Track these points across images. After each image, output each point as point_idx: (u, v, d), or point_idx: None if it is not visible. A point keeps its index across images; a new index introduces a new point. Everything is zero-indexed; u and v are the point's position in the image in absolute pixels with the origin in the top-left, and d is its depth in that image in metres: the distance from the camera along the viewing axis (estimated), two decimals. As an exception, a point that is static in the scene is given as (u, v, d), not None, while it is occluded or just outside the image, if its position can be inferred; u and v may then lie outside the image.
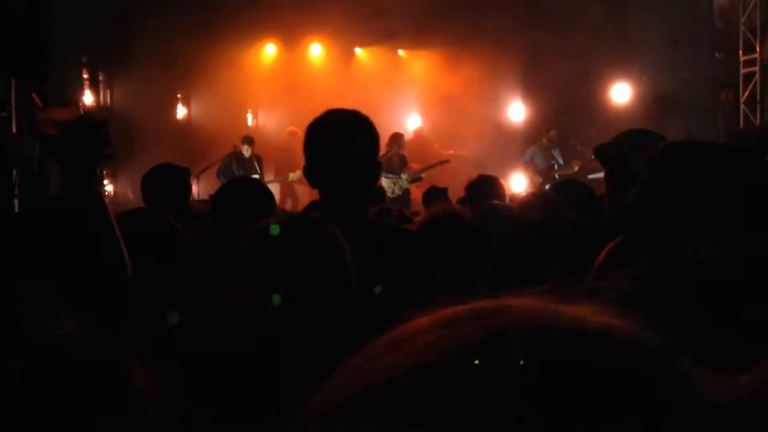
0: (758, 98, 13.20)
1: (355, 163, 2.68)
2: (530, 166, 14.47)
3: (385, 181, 13.29)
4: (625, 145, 3.15)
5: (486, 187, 5.27)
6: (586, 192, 4.34)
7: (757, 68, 13.10)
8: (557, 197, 4.31)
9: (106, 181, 14.14)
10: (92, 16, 13.55)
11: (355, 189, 2.71)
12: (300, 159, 2.81)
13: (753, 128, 13.28)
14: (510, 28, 14.57)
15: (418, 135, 16.81)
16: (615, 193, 3.21)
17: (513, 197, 5.83)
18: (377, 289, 2.42)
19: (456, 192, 9.55)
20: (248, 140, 13.97)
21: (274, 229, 2.55)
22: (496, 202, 3.06)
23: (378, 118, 11.40)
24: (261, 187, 3.68)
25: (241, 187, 3.66)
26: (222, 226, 3.32)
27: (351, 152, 2.68)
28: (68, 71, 13.37)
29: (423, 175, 13.97)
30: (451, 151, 15.88)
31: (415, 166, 14.31)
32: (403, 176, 13.59)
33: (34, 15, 8.74)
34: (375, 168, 2.77)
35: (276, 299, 1.91)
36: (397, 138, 13.87)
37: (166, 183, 4.52)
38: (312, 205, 3.94)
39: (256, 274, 1.97)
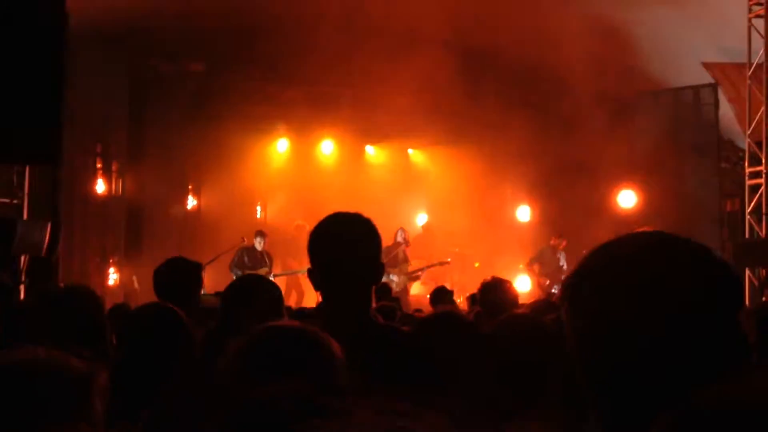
0: (764, 209, 13.28)
1: (357, 268, 2.73)
2: (536, 267, 14.52)
3: (387, 278, 13.34)
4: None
5: (499, 291, 5.30)
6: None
7: (762, 180, 13.23)
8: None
9: (112, 270, 14.18)
10: (108, 106, 13.84)
11: (358, 293, 2.75)
12: (306, 253, 2.86)
13: (758, 239, 13.32)
14: (518, 130, 14.81)
15: (426, 230, 16.93)
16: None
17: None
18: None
19: (459, 290, 9.60)
20: (261, 234, 14.14)
21: None
22: (517, 312, 3.09)
23: (386, 214, 11.56)
24: (269, 286, 3.70)
25: (250, 285, 3.68)
26: (229, 324, 3.34)
27: (353, 256, 2.74)
28: (82, 160, 13.58)
29: (420, 275, 14.03)
30: (456, 249, 15.96)
31: (418, 262, 14.37)
32: (395, 277, 13.61)
33: (49, 103, 8.95)
34: (377, 271, 2.81)
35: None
36: (402, 233, 13.99)
37: (178, 277, 4.56)
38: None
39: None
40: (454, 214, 16.40)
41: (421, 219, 17.27)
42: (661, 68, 14.37)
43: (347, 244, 2.77)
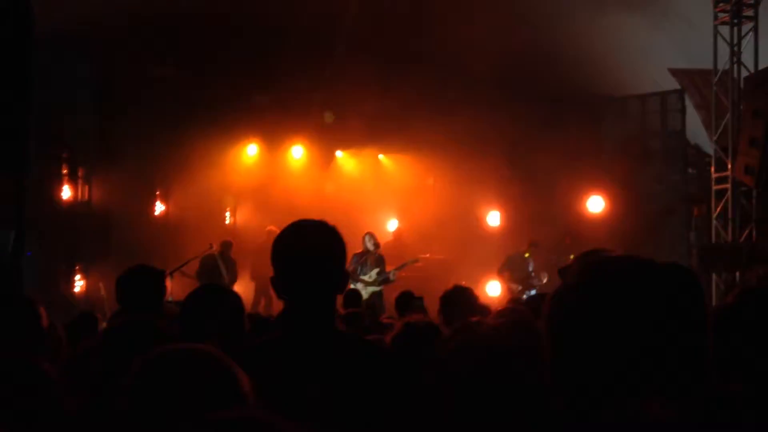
0: (730, 214, 13.41)
1: (319, 276, 2.71)
2: (506, 274, 14.56)
3: (352, 285, 13.28)
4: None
5: (461, 298, 5.30)
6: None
7: (729, 185, 13.36)
8: (531, 311, 4.34)
9: (78, 277, 14.04)
10: (74, 112, 13.70)
11: (320, 301, 2.72)
12: None
13: (724, 243, 13.45)
14: (488, 136, 14.86)
15: (397, 237, 16.92)
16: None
17: (487, 307, 5.82)
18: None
19: (431, 296, 9.56)
20: (227, 244, 14.07)
21: None
22: (472, 319, 3.07)
23: (357, 220, 11.50)
24: (230, 295, 3.66)
25: (210, 294, 3.64)
26: (190, 334, 3.30)
27: (316, 264, 2.71)
28: (48, 166, 13.43)
29: (393, 278, 13.96)
30: (427, 255, 15.95)
31: (390, 267, 14.34)
32: (366, 278, 13.56)
33: (16, 110, 8.83)
34: (341, 279, 2.79)
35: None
36: (370, 238, 13.93)
37: (141, 285, 4.50)
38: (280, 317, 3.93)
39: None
40: (424, 220, 16.41)
41: (391, 224, 17.25)
42: (629, 75, 14.48)
43: (310, 252, 2.74)
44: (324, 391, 2.50)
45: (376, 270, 13.74)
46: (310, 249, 2.74)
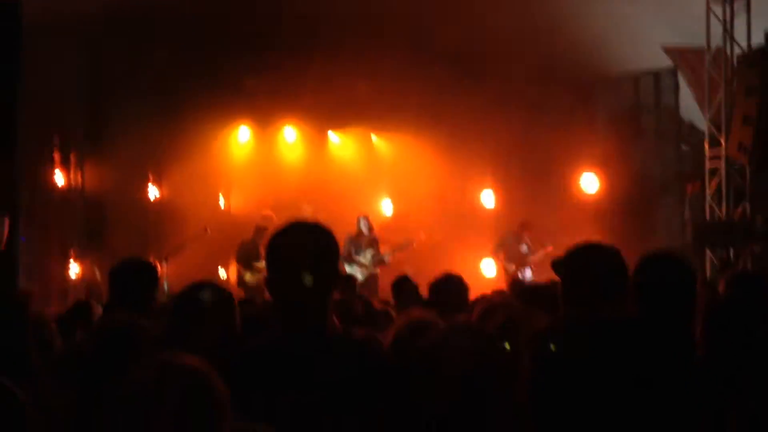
0: (723, 191, 13.43)
1: (313, 279, 2.71)
2: (501, 254, 14.60)
3: (348, 268, 13.31)
4: (578, 261, 3.26)
5: (450, 287, 5.32)
6: (552, 296, 4.37)
7: (722, 163, 13.37)
8: (522, 301, 4.35)
9: (73, 263, 14.05)
10: (65, 96, 13.64)
11: (313, 304, 2.73)
12: None
13: (718, 221, 13.48)
14: (482, 115, 14.83)
15: (392, 217, 16.93)
16: (569, 304, 3.27)
17: (479, 298, 5.83)
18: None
19: (425, 277, 9.58)
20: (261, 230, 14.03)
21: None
22: (456, 323, 3.08)
23: (351, 201, 11.54)
24: (223, 298, 3.65)
25: (201, 296, 3.62)
26: (177, 336, 3.31)
27: (310, 268, 2.71)
28: (39, 151, 13.39)
29: (387, 260, 13.99)
30: (423, 236, 15.97)
31: (384, 249, 14.36)
32: (359, 266, 13.58)
33: (5, 93, 8.78)
34: (334, 281, 2.79)
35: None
36: (364, 221, 13.96)
37: (133, 279, 4.51)
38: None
39: None
40: (419, 201, 16.40)
41: (386, 205, 17.23)
42: (622, 52, 14.43)
43: (303, 255, 2.74)
44: (318, 397, 2.51)
45: (369, 251, 13.76)
46: (304, 252, 2.74)
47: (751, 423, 2.56)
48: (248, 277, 14.04)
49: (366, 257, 13.72)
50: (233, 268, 14.51)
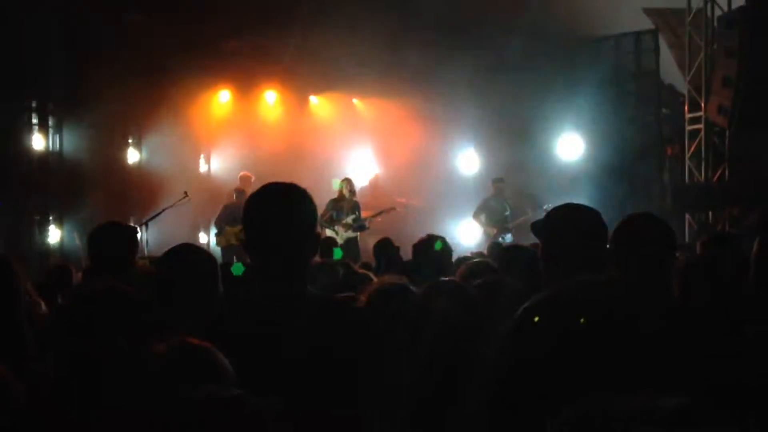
0: (703, 154, 13.50)
1: (291, 241, 2.72)
2: (483, 218, 14.61)
3: (329, 232, 13.30)
4: (558, 223, 3.26)
5: (433, 248, 5.33)
6: (532, 258, 4.40)
7: (702, 125, 13.41)
8: (501, 264, 4.37)
9: (52, 227, 13.97)
10: (42, 60, 13.46)
11: (292, 266, 2.73)
12: None
13: (697, 183, 13.57)
14: (463, 79, 14.77)
15: (373, 183, 16.93)
16: (550, 265, 3.29)
17: (460, 259, 5.86)
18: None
19: (407, 241, 9.59)
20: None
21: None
22: (442, 279, 3.10)
23: (332, 165, 11.51)
24: (205, 258, 3.65)
25: (185, 257, 3.63)
26: (163, 297, 3.31)
27: (287, 229, 2.72)
28: (17, 115, 13.24)
29: (368, 225, 13.98)
30: (403, 200, 15.98)
31: (366, 213, 14.35)
32: (340, 229, 13.56)
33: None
34: (312, 243, 2.80)
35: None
36: (347, 183, 13.91)
37: (112, 243, 4.47)
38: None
39: None
40: (401, 165, 16.40)
41: (367, 170, 17.22)
42: (602, 14, 14.38)
43: (280, 217, 2.74)
44: (299, 357, 2.52)
45: (351, 217, 13.75)
46: (281, 213, 2.73)
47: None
48: (218, 240, 14.02)
49: (347, 222, 13.70)
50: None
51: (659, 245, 3.31)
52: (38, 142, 13.92)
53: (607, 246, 3.33)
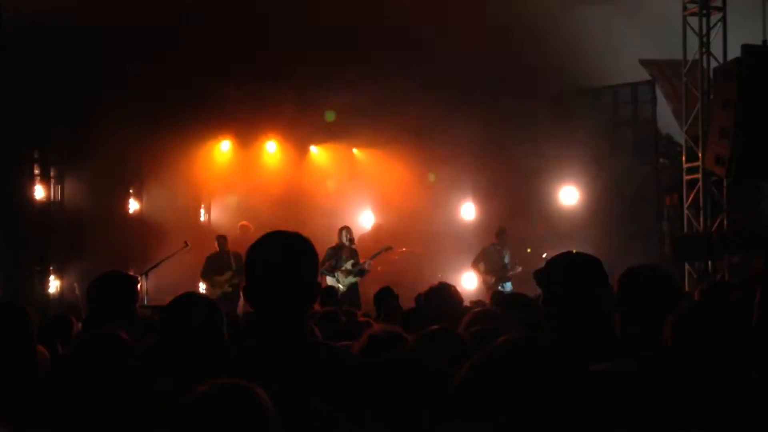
0: (701, 204, 13.53)
1: (291, 288, 2.73)
2: (482, 267, 14.60)
3: (329, 279, 13.28)
4: (559, 270, 3.29)
5: (445, 297, 5.30)
6: (532, 305, 4.42)
7: (699, 175, 13.47)
8: (502, 312, 4.37)
9: (52, 277, 13.95)
10: (45, 110, 13.57)
11: (291, 313, 2.74)
12: None
13: (696, 233, 13.58)
14: (463, 129, 14.88)
15: (376, 230, 16.95)
16: (552, 312, 3.30)
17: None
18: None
19: (407, 289, 9.56)
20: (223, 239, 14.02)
21: None
22: (436, 327, 3.12)
23: (331, 214, 11.50)
24: (209, 305, 3.65)
25: (189, 306, 3.63)
26: (167, 344, 3.32)
27: (288, 277, 2.73)
28: (18, 165, 13.31)
29: (368, 267, 13.92)
30: (404, 249, 16.00)
31: (364, 259, 14.33)
32: (340, 277, 13.52)
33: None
34: (313, 291, 2.81)
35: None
36: (346, 231, 13.89)
37: (112, 292, 4.47)
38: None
39: None
40: (400, 214, 16.44)
41: (366, 218, 17.26)
42: (600, 66, 14.55)
43: (282, 264, 2.75)
44: (296, 404, 2.52)
45: (350, 261, 13.71)
46: (283, 261, 2.75)
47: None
48: (209, 290, 13.93)
49: (347, 267, 13.67)
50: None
51: (663, 299, 3.32)
52: (39, 192, 13.97)
53: (608, 295, 3.35)
